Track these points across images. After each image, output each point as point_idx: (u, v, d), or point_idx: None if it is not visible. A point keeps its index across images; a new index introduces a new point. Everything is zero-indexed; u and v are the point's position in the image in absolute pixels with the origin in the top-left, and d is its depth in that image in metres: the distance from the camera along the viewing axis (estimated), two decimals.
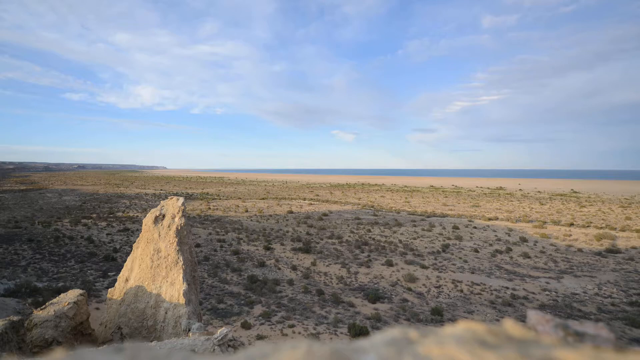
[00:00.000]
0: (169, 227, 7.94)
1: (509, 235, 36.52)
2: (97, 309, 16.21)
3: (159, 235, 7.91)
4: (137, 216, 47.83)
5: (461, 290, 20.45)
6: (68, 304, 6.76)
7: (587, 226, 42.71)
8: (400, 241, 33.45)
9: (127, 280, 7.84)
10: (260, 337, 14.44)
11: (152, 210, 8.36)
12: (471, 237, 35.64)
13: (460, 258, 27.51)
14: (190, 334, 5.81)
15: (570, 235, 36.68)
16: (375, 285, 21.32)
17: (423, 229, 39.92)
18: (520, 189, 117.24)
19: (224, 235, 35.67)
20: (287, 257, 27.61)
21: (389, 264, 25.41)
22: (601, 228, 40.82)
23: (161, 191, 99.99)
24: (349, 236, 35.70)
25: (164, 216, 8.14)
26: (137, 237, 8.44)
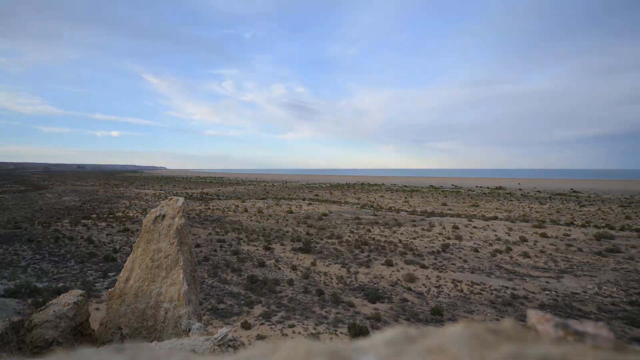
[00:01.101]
0: (169, 227, 7.93)
1: (509, 235, 36.51)
2: (97, 309, 16.22)
3: (159, 236, 7.90)
4: (137, 216, 47.83)
5: (461, 290, 20.45)
6: (68, 305, 6.75)
7: (587, 225, 42.73)
8: (400, 241, 33.45)
9: (127, 280, 7.84)
10: (260, 337, 14.44)
11: (152, 210, 8.36)
12: (471, 237, 35.63)
13: (460, 258, 27.51)
14: (191, 334, 5.81)
15: (570, 234, 36.69)
16: (375, 285, 21.32)
17: (423, 229, 39.92)
18: (519, 189, 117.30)
19: (223, 235, 35.66)
20: (287, 257, 27.61)
21: (389, 263, 25.41)
22: (601, 227, 40.84)
23: (161, 191, 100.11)
24: (349, 236, 35.69)
25: (163, 216, 8.13)
26: (137, 237, 8.45)
